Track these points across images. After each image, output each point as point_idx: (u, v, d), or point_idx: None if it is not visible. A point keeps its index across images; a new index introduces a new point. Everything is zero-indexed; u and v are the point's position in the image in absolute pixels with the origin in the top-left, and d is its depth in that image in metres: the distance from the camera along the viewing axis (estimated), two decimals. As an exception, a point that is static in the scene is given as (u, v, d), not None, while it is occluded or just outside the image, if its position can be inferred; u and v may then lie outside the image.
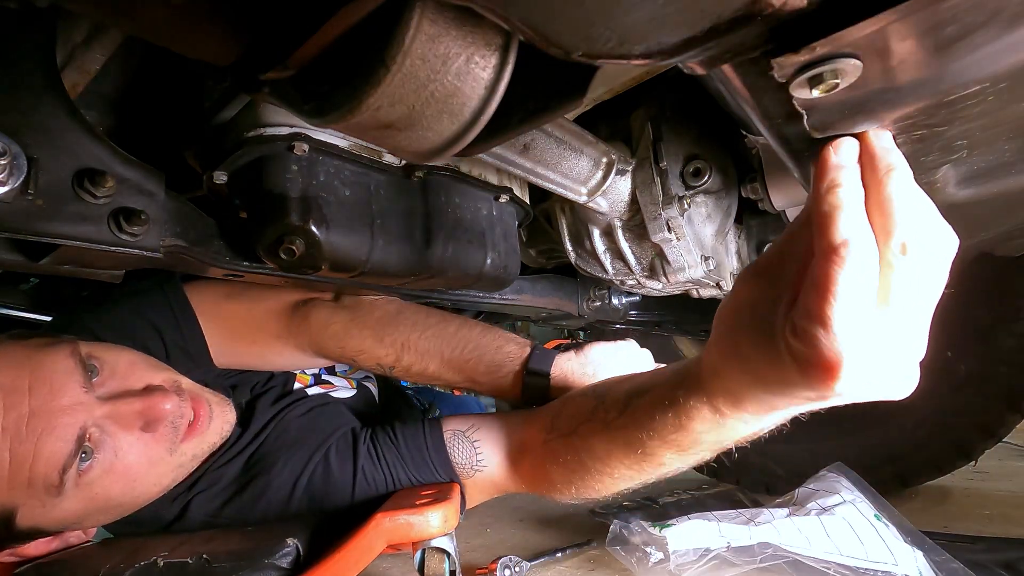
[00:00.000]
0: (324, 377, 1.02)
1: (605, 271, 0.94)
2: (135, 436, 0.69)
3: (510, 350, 0.88)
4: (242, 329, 0.91)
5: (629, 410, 0.63)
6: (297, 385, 0.95)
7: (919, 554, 0.82)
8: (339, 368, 1.07)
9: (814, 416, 0.95)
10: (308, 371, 1.01)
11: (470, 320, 0.94)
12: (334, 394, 0.96)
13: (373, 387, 1.07)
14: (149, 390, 0.70)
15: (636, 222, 0.85)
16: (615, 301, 1.21)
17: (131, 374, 0.72)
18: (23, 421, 0.62)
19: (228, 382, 0.92)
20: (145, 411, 0.69)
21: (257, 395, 0.91)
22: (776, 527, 0.90)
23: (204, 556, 0.64)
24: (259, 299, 0.91)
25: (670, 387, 0.57)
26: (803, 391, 0.40)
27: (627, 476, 0.67)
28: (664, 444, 0.59)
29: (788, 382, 0.40)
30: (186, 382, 0.77)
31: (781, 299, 0.39)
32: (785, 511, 0.96)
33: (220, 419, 0.79)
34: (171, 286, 0.89)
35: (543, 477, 0.76)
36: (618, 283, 0.97)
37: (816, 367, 0.35)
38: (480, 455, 0.80)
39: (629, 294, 1.22)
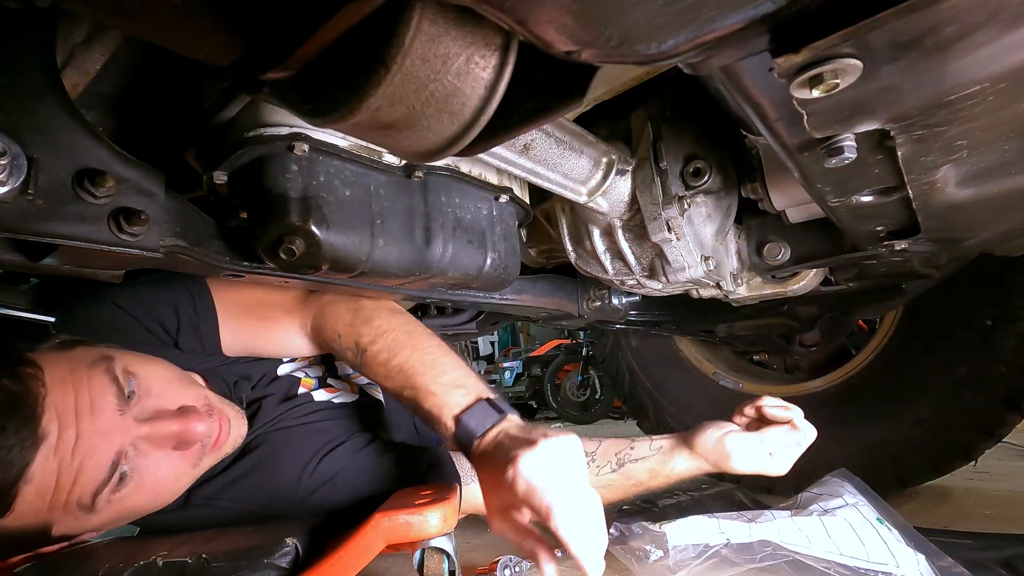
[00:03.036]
0: (328, 381, 1.03)
1: (605, 271, 0.94)
2: (166, 453, 0.72)
3: (470, 385, 0.78)
4: (255, 307, 0.94)
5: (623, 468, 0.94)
6: (302, 389, 0.97)
7: (921, 558, 0.82)
8: (341, 372, 1.07)
9: (815, 416, 0.96)
10: (312, 375, 1.01)
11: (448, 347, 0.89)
12: (336, 399, 0.99)
13: (379, 395, 1.07)
14: (184, 411, 0.73)
15: (636, 222, 0.85)
16: (615, 301, 1.21)
17: (165, 393, 0.74)
18: (70, 444, 0.63)
19: (234, 371, 0.93)
20: (180, 434, 0.72)
21: (262, 396, 0.93)
22: (777, 526, 0.90)
23: (203, 556, 0.64)
24: (281, 286, 0.93)
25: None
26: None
27: None
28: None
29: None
30: (213, 397, 0.80)
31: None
32: (787, 512, 0.96)
33: (236, 432, 0.82)
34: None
35: None
36: (618, 283, 0.97)
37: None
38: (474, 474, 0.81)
39: (629, 294, 1.22)
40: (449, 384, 0.77)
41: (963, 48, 0.33)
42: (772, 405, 0.92)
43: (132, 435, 0.68)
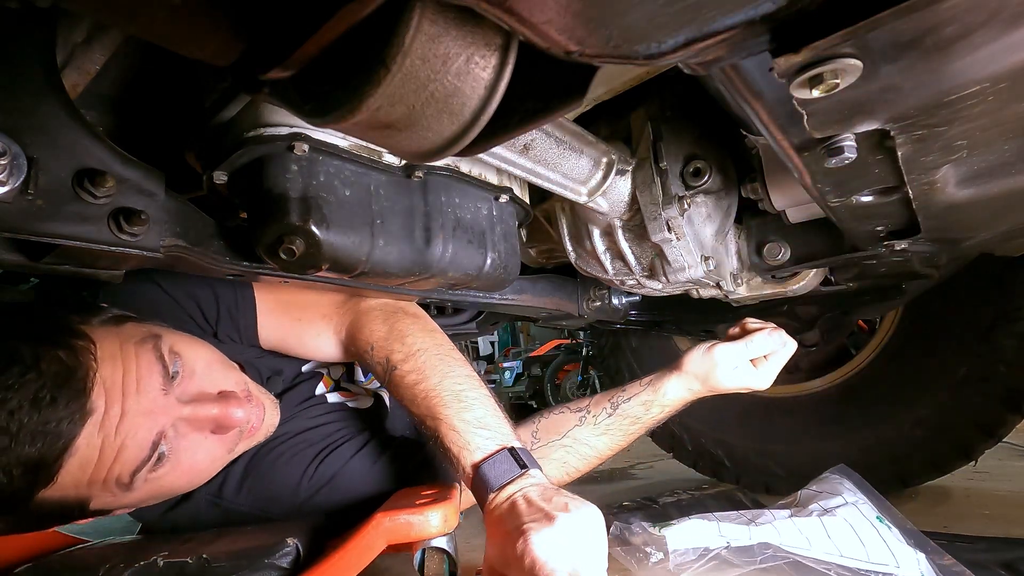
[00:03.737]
0: (344, 384, 1.03)
1: (605, 271, 0.94)
2: (204, 436, 0.73)
3: (495, 427, 0.75)
4: (294, 306, 0.93)
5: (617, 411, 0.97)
6: (320, 389, 0.98)
7: (921, 556, 0.82)
8: (358, 376, 1.08)
9: (815, 416, 0.95)
10: (333, 375, 1.02)
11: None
12: (351, 403, 0.99)
13: (387, 397, 1.08)
14: (224, 395, 0.74)
15: (636, 222, 0.85)
16: (615, 301, 1.21)
17: (207, 376, 0.74)
18: (115, 421, 0.64)
19: (268, 365, 0.93)
20: (220, 418, 0.72)
21: (287, 389, 0.94)
22: (776, 527, 0.90)
23: (204, 556, 0.64)
24: (321, 288, 0.92)
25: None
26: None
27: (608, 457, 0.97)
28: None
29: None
30: (252, 385, 0.81)
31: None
32: (787, 512, 0.96)
33: (270, 421, 0.82)
34: None
35: None
36: (618, 283, 0.97)
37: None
38: None
39: (629, 294, 1.22)
40: (473, 422, 0.73)
41: (963, 48, 0.33)
42: (754, 319, 1.01)
43: (173, 416, 0.69)
